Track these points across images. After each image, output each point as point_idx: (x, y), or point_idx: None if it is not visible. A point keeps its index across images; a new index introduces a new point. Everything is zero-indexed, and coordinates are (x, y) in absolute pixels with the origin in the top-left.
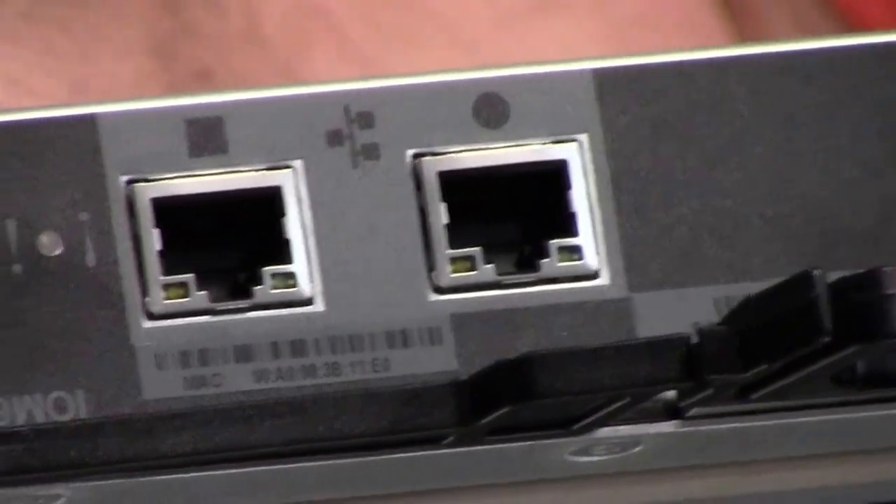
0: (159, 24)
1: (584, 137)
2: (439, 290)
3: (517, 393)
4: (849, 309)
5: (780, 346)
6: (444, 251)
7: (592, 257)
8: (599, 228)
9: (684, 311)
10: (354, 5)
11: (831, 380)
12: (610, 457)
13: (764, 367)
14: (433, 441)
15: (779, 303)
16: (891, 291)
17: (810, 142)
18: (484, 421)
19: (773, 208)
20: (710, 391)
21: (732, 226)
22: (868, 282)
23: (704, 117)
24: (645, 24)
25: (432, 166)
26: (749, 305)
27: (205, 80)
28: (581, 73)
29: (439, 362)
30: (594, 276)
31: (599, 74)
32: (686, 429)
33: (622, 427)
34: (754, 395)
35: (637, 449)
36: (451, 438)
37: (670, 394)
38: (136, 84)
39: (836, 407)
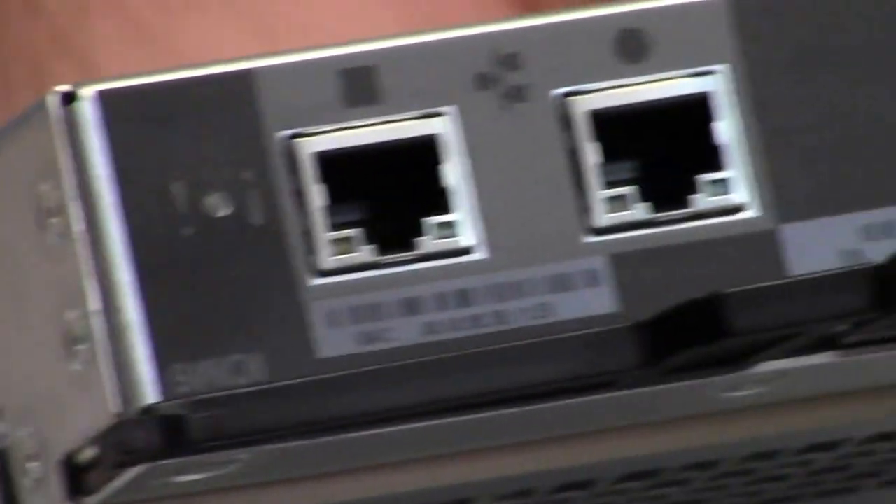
0: None
1: (724, 68)
2: (595, 232)
3: (708, 331)
4: None
5: None
6: (597, 192)
7: (740, 190)
8: (745, 160)
9: (831, 239)
10: None
11: None
12: (760, 390)
13: None
14: (611, 385)
15: None
16: None
17: None
18: (670, 361)
19: None
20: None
21: (877, 150)
22: None
23: (846, 39)
24: None
25: (580, 105)
26: None
27: None
28: (716, 1)
29: (601, 304)
30: (743, 208)
31: (734, 1)
32: (838, 359)
33: (780, 361)
34: None
35: (786, 380)
36: (628, 381)
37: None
38: None
39: None
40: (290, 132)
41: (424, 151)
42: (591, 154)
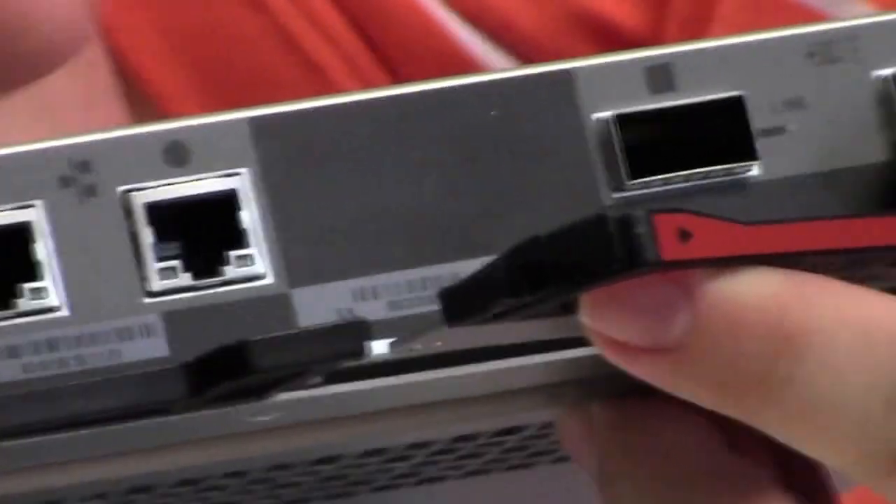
0: None
1: (246, 171)
2: (151, 294)
3: (237, 369)
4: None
5: (574, 273)
6: (151, 264)
7: (260, 263)
8: (263, 241)
9: (330, 299)
10: None
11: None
12: (279, 415)
13: (549, 289)
14: (165, 411)
15: (572, 238)
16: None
17: (409, 166)
18: (210, 393)
19: (385, 217)
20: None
21: (359, 232)
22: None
23: (332, 148)
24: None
25: (138, 199)
26: (538, 242)
27: None
28: (239, 120)
29: (157, 350)
30: (262, 277)
31: (254, 122)
32: (339, 390)
33: (294, 392)
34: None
35: (298, 407)
36: (177, 408)
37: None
38: None
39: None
40: None
41: (20, 235)
42: (147, 236)
